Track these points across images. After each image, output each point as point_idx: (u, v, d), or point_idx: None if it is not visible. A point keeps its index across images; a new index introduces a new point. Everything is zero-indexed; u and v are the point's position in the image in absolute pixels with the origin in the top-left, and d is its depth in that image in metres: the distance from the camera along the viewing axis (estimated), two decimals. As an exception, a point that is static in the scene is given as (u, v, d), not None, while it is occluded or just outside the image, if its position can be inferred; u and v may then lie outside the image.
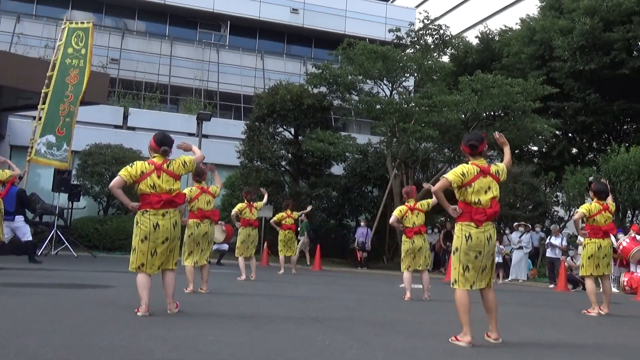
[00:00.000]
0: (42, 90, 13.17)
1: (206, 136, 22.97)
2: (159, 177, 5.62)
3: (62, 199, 17.46)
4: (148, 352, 3.85)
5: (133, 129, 24.15)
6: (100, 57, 26.92)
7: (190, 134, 24.39)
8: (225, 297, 8.02)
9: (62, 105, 13.57)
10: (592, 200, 8.28)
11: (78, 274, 10.39)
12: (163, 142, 5.77)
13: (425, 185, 8.45)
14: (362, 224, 20.82)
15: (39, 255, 13.24)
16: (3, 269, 10.06)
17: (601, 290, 8.51)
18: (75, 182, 18.56)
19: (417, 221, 8.93)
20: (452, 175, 5.02)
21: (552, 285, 15.57)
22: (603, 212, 8.10)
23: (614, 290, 14.45)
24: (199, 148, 21.06)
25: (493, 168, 5.12)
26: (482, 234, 4.95)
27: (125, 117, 24.40)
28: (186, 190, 7.97)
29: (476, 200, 4.97)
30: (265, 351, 4.16)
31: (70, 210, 18.49)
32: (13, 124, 21.41)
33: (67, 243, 15.33)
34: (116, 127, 23.96)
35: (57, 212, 16.83)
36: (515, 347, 5.02)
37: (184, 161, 5.81)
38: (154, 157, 5.75)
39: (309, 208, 16.34)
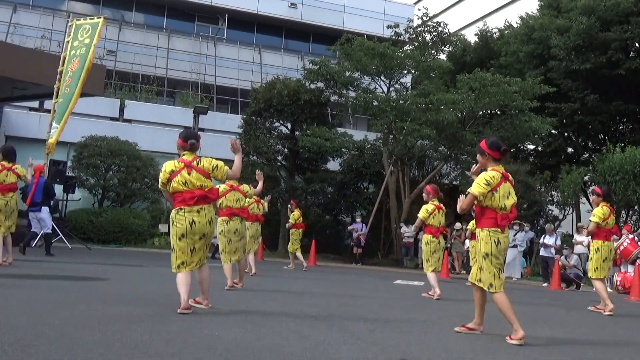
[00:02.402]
0: (55, 85, 13.03)
1: (202, 130, 22.91)
2: (189, 173, 5.58)
3: (57, 191, 17.39)
4: (143, 346, 3.85)
5: (129, 121, 24.08)
6: (97, 49, 26.69)
7: (186, 127, 24.33)
8: (219, 291, 8.02)
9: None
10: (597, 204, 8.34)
11: (72, 266, 10.37)
12: (188, 136, 5.80)
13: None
14: (357, 220, 20.85)
15: (32, 247, 13.23)
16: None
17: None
18: (70, 174, 18.51)
19: (443, 220, 8.96)
20: (478, 188, 5.11)
21: (545, 284, 15.63)
22: (612, 215, 8.33)
23: (608, 289, 14.56)
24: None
25: (509, 175, 5.33)
26: (506, 239, 5.19)
27: (122, 110, 24.33)
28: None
29: (502, 206, 5.13)
30: (259, 346, 4.17)
31: (65, 202, 18.44)
32: (8, 115, 21.33)
33: (61, 235, 15.30)
34: (112, 119, 23.90)
35: (51, 204, 16.77)
36: (509, 344, 5.04)
37: (216, 165, 5.73)
38: (184, 154, 5.73)
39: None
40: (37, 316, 4.78)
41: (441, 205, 9.01)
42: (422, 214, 8.92)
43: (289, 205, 15.11)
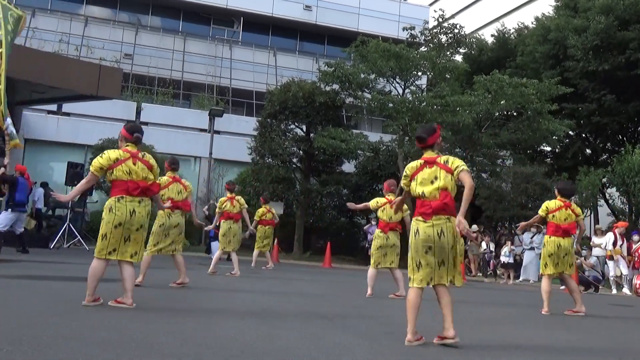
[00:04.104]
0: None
1: (218, 132, 23.04)
2: (134, 164, 5.68)
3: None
4: (158, 347, 3.87)
5: (146, 124, 24.25)
6: (114, 52, 27.09)
7: (202, 130, 24.48)
8: (232, 293, 8.04)
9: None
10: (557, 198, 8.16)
11: (89, 267, 10.44)
12: (134, 129, 5.87)
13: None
14: (372, 222, 20.78)
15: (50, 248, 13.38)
16: (12, 261, 10.16)
17: (564, 289, 8.45)
18: (88, 176, 18.68)
19: (395, 217, 8.56)
20: (402, 179, 4.94)
21: (562, 287, 15.44)
22: (564, 209, 7.99)
23: (627, 292, 14.37)
24: (211, 144, 21.18)
25: (442, 158, 4.77)
26: (430, 228, 4.69)
27: (138, 112, 24.52)
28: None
29: (420, 193, 4.77)
30: (274, 347, 4.17)
31: (83, 203, 18.63)
32: (27, 118, 21.61)
33: (79, 236, 15.47)
34: (129, 122, 24.07)
35: (69, 206, 16.96)
36: (525, 349, 4.99)
37: (156, 165, 5.89)
38: (127, 145, 5.77)
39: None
40: (54, 316, 4.82)
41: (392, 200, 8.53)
42: (371, 202, 8.79)
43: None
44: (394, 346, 4.60)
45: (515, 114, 21.95)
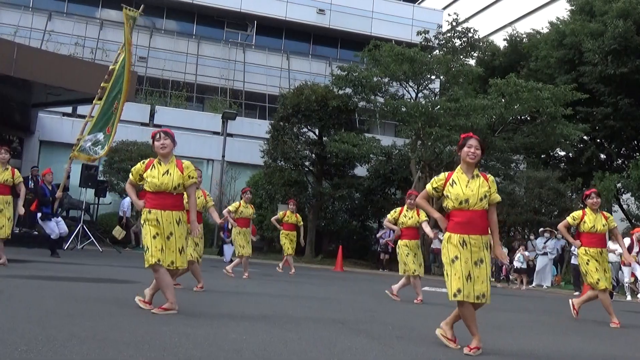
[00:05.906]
0: (101, 85, 12.52)
1: (231, 135, 23.11)
2: None
3: (88, 195, 17.72)
4: (171, 349, 3.89)
5: (159, 126, 24.41)
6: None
7: (215, 133, 24.58)
8: (246, 296, 8.06)
9: (115, 104, 12.99)
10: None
11: (102, 268, 10.53)
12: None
13: None
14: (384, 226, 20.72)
15: (64, 249, 13.49)
16: (27, 261, 10.26)
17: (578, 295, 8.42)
18: (101, 179, 18.85)
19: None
20: None
21: (577, 293, 15.31)
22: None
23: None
24: (224, 147, 21.19)
25: None
26: None
27: (152, 115, 24.68)
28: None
29: None
30: (286, 350, 4.17)
31: (96, 205, 18.78)
32: (42, 120, 21.83)
33: (92, 238, 15.58)
34: (143, 124, 24.25)
35: (83, 207, 17.12)
36: (539, 355, 4.95)
37: None
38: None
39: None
40: (68, 317, 4.86)
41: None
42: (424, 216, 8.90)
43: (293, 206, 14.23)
44: (406, 350, 4.58)
45: (529, 118, 21.80)
